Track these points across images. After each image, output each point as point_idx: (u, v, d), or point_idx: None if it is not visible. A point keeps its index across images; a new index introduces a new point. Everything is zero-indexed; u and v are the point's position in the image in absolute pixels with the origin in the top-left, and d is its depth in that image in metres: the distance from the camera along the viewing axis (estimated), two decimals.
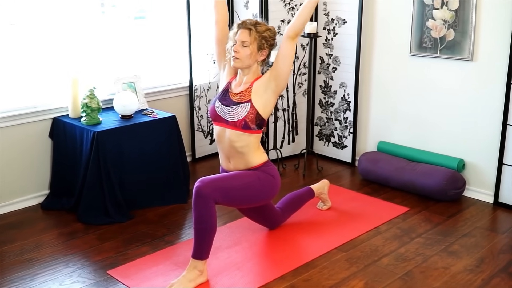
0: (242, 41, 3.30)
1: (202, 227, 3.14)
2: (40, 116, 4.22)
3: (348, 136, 5.13)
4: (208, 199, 3.12)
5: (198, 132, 5.24)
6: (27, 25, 4.11)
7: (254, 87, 3.33)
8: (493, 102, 4.22)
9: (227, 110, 3.34)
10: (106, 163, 3.97)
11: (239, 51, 3.30)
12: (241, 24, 3.35)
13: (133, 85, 4.55)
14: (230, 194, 3.25)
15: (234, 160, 3.43)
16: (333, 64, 5.10)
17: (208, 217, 3.14)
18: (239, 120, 3.29)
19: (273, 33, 3.40)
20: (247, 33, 3.30)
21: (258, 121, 3.32)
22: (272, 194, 3.48)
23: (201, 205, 3.13)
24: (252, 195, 3.37)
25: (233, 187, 3.26)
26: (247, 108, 3.29)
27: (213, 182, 3.19)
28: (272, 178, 3.43)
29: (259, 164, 3.42)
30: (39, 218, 4.08)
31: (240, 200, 3.36)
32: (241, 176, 3.33)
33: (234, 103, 3.34)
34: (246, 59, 3.31)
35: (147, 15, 4.92)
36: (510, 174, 4.18)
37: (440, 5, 4.33)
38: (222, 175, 3.32)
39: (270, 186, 3.43)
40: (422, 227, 3.94)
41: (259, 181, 3.35)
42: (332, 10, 5.00)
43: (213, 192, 3.15)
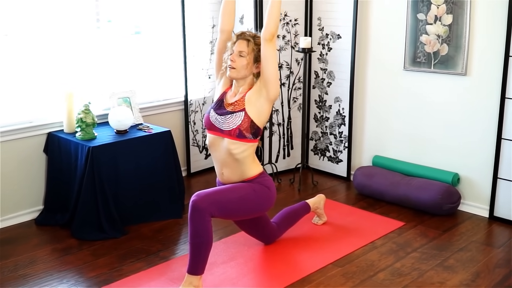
0: (239, 51, 3.33)
1: (198, 241, 3.13)
2: (35, 131, 4.21)
3: (343, 150, 5.14)
4: (204, 213, 3.12)
5: (193, 146, 5.23)
6: (22, 39, 4.11)
7: (247, 96, 3.34)
8: (487, 116, 4.24)
9: (221, 119, 3.35)
10: (101, 178, 3.96)
11: (235, 61, 3.32)
12: (239, 35, 3.38)
13: (128, 100, 4.55)
14: (226, 207, 3.25)
15: (228, 169, 3.42)
16: (328, 79, 5.12)
17: (204, 231, 3.13)
18: (233, 129, 3.30)
19: None
20: (245, 44, 3.33)
21: (253, 130, 3.32)
22: (268, 206, 3.47)
23: (197, 219, 3.12)
24: (248, 207, 3.37)
25: (229, 200, 3.26)
26: (241, 117, 3.29)
27: (209, 196, 3.19)
28: (267, 189, 3.42)
29: (254, 175, 3.42)
30: (33, 233, 4.05)
31: (236, 212, 3.36)
32: (236, 189, 3.33)
33: (228, 112, 3.35)
34: (242, 69, 3.33)
35: (143, 31, 4.93)
36: (505, 188, 4.19)
37: (434, 20, 4.36)
38: (218, 189, 3.32)
39: (266, 197, 3.42)
40: (417, 241, 3.93)
41: (254, 193, 3.35)
42: (327, 25, 5.02)
43: (209, 206, 3.14)
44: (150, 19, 4.93)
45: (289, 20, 5.04)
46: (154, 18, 4.95)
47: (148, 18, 4.92)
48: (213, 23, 5.13)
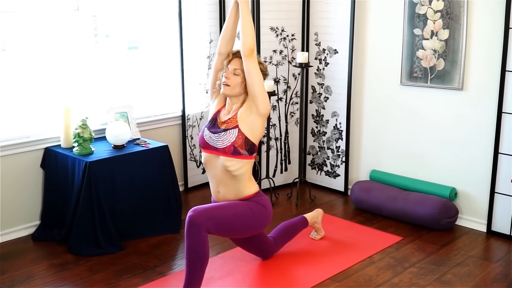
0: (234, 69, 3.35)
1: (194, 256, 3.13)
2: (32, 146, 4.20)
3: (340, 165, 5.14)
4: (201, 228, 3.12)
5: (190, 161, 5.23)
6: (19, 54, 4.13)
7: (239, 113, 3.35)
8: (484, 130, 4.25)
9: (215, 137, 3.36)
10: (98, 193, 3.95)
11: (229, 78, 3.34)
12: (235, 54, 3.41)
13: (126, 114, 4.55)
14: (222, 224, 3.24)
15: (224, 187, 3.42)
16: (325, 94, 5.13)
17: (201, 246, 3.13)
18: (228, 146, 3.30)
19: (265, 68, 3.47)
20: (240, 62, 3.35)
21: (247, 146, 3.32)
22: (264, 225, 3.47)
23: (193, 234, 3.12)
24: (244, 225, 3.37)
25: (225, 217, 3.25)
26: (235, 134, 3.30)
27: (205, 211, 3.19)
28: (264, 208, 3.42)
29: (251, 194, 3.43)
30: (30, 249, 4.04)
31: (232, 229, 3.36)
32: (233, 206, 3.33)
33: (222, 130, 3.36)
34: (236, 87, 3.35)
35: (140, 45, 4.95)
36: (502, 202, 4.19)
37: (430, 35, 4.38)
38: (215, 205, 3.33)
39: (262, 216, 3.42)
40: (415, 256, 3.92)
41: (251, 211, 3.35)
42: (323, 40, 5.05)
43: (206, 221, 3.14)
44: (147, 34, 4.96)
45: (286, 35, 5.07)
46: (152, 33, 4.97)
47: (145, 33, 4.94)
48: (211, 38, 5.15)
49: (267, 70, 3.51)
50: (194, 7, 4.99)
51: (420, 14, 4.41)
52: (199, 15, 5.05)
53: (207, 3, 5.09)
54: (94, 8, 4.48)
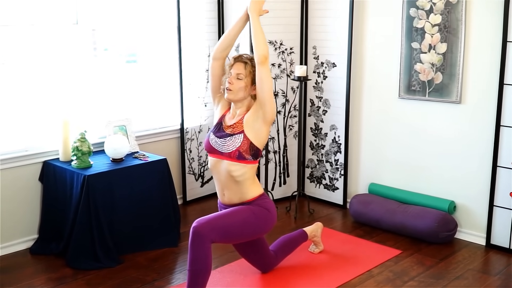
0: (237, 73, 3.38)
1: (197, 268, 3.14)
2: (31, 159, 4.20)
3: (339, 178, 5.14)
4: (205, 239, 3.14)
5: (189, 174, 5.23)
6: (18, 67, 4.13)
7: (245, 118, 3.38)
8: (482, 143, 4.25)
9: (221, 142, 3.39)
10: (96, 206, 3.94)
11: (233, 83, 3.37)
12: (237, 58, 3.44)
13: (125, 128, 4.56)
14: (226, 232, 3.27)
15: (229, 191, 3.44)
16: (323, 107, 5.14)
17: (204, 258, 3.15)
18: (233, 151, 3.33)
19: None
20: (242, 66, 3.38)
21: (252, 151, 3.36)
22: (268, 228, 3.49)
23: (197, 246, 3.13)
24: (248, 230, 3.39)
25: (229, 225, 3.28)
26: (240, 139, 3.33)
27: (209, 222, 3.21)
28: (267, 211, 3.44)
29: (255, 197, 3.44)
30: (28, 262, 4.02)
31: (236, 237, 3.39)
32: (236, 213, 3.35)
33: (227, 134, 3.39)
34: (240, 91, 3.38)
35: (139, 59, 4.97)
36: (501, 215, 4.18)
37: (428, 49, 4.40)
38: (218, 215, 3.33)
39: (266, 220, 3.44)
40: (414, 270, 3.91)
41: (254, 216, 3.37)
42: (322, 54, 5.06)
43: (210, 232, 3.17)
44: (146, 48, 4.97)
45: (285, 48, 5.08)
46: (151, 46, 4.99)
47: (144, 47, 4.96)
48: (209, 52, 5.17)
49: None
50: (192, 21, 5.01)
51: (418, 28, 4.43)
52: (198, 29, 5.07)
53: (206, 17, 5.12)
54: (93, 22, 4.49)
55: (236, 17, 3.56)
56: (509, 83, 4.02)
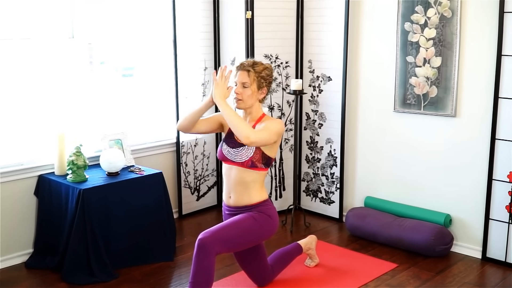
0: (242, 82, 3.42)
1: (200, 280, 3.17)
2: (26, 173, 4.19)
3: (335, 191, 5.14)
4: (211, 251, 3.18)
5: (185, 188, 5.22)
6: (13, 81, 4.13)
7: (257, 127, 3.44)
8: (477, 157, 4.26)
9: (234, 152, 3.45)
10: (92, 221, 3.93)
11: (240, 93, 3.42)
12: (239, 67, 3.48)
13: (120, 141, 4.55)
14: (231, 243, 3.34)
15: (236, 194, 3.50)
16: (319, 120, 5.15)
17: (208, 270, 3.18)
18: (246, 161, 3.41)
19: (270, 71, 3.52)
20: (246, 75, 3.41)
21: (264, 160, 3.43)
22: (269, 234, 3.55)
23: (202, 258, 3.17)
24: (251, 238, 3.45)
25: (233, 236, 3.34)
26: (253, 149, 3.40)
27: (215, 234, 3.26)
28: (269, 218, 3.48)
29: (259, 201, 3.49)
30: (23, 277, 4.00)
31: (239, 246, 3.44)
32: (239, 223, 3.38)
33: (240, 145, 3.44)
34: (248, 99, 3.43)
35: (135, 72, 4.97)
36: (497, 229, 4.18)
37: (423, 62, 4.42)
38: (222, 226, 3.36)
39: (267, 226, 3.49)
40: (411, 283, 3.90)
41: (256, 223, 3.42)
42: (317, 67, 5.08)
43: (216, 244, 3.22)
44: (142, 61, 4.98)
45: (280, 62, 5.10)
46: (147, 60, 5.00)
47: (140, 60, 4.97)
48: (205, 66, 5.18)
49: (271, 74, 3.52)
50: (188, 35, 5.03)
51: (412, 42, 4.46)
52: (194, 43, 5.08)
53: (202, 31, 5.14)
54: (89, 35, 4.50)
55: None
56: (504, 97, 4.04)
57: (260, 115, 3.51)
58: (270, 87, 3.55)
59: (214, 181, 5.48)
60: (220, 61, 5.24)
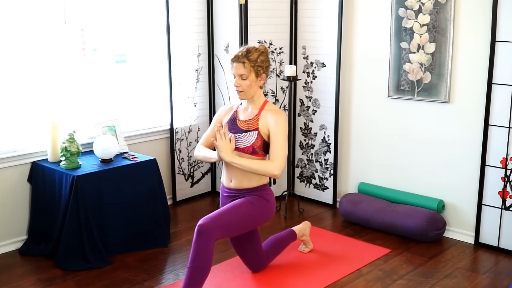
0: (239, 74, 3.41)
1: (198, 265, 3.18)
2: (19, 160, 4.18)
3: (329, 177, 5.15)
4: (211, 236, 3.20)
5: (179, 175, 5.22)
6: (5, 67, 4.10)
7: (261, 117, 3.45)
8: (471, 143, 4.27)
9: (236, 137, 3.45)
10: (85, 207, 3.93)
11: (240, 85, 3.42)
12: (234, 59, 3.45)
13: (114, 128, 4.54)
14: (229, 229, 3.36)
15: (236, 179, 3.50)
16: (313, 107, 5.15)
17: (207, 255, 3.20)
18: (247, 147, 3.41)
19: (266, 55, 3.48)
20: (242, 66, 3.40)
21: (265, 147, 3.45)
22: (266, 218, 3.57)
23: (202, 243, 3.18)
24: (249, 222, 3.46)
25: (232, 221, 3.36)
26: (255, 136, 3.41)
27: (214, 220, 3.27)
28: (266, 202, 3.51)
29: (258, 185, 3.51)
30: (17, 264, 4.00)
31: (237, 231, 3.46)
32: (237, 208, 3.40)
33: (242, 130, 3.45)
34: (249, 89, 3.43)
35: (128, 59, 4.95)
36: (490, 214, 4.21)
37: (417, 48, 4.42)
38: (221, 212, 3.37)
39: (264, 210, 3.51)
40: (404, 268, 3.93)
41: (253, 208, 3.44)
42: (311, 53, 5.07)
43: (215, 230, 3.23)
44: (135, 48, 4.96)
45: (274, 48, 5.09)
46: (140, 46, 4.97)
47: (133, 47, 4.94)
48: (199, 52, 5.16)
49: (267, 58, 3.50)
50: (182, 20, 5.01)
51: (406, 28, 4.45)
52: (187, 29, 5.06)
53: (195, 17, 5.11)
54: (81, 21, 4.48)
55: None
56: (497, 83, 4.05)
57: (262, 102, 3.51)
58: (269, 70, 3.54)
59: (208, 168, 5.49)
60: (214, 47, 5.22)
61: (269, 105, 3.51)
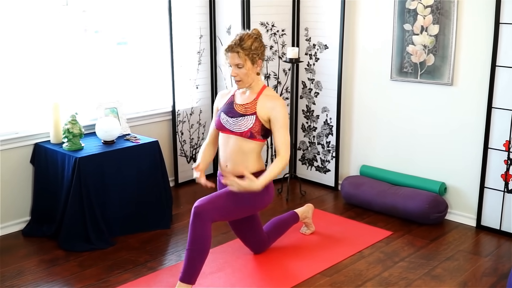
0: (235, 64, 3.37)
1: (196, 247, 3.17)
2: (22, 142, 4.18)
3: (330, 160, 5.15)
4: (207, 219, 3.19)
5: (181, 157, 5.22)
6: (7, 49, 4.09)
7: (259, 102, 3.42)
8: (473, 125, 4.26)
9: (233, 121, 3.42)
10: (88, 189, 3.94)
11: (237, 74, 3.38)
12: (227, 49, 3.39)
13: (116, 110, 4.54)
14: (226, 211, 3.35)
15: (232, 163, 3.46)
16: (315, 89, 5.13)
17: (204, 237, 3.19)
18: (245, 131, 3.38)
19: (259, 41, 3.42)
20: (236, 56, 3.35)
21: (263, 132, 3.42)
22: (264, 204, 3.54)
23: (198, 225, 3.17)
24: (246, 207, 3.45)
25: (229, 204, 3.34)
26: (253, 120, 3.38)
27: (210, 202, 3.26)
28: (265, 188, 3.44)
29: (255, 171, 3.45)
30: (20, 244, 4.02)
31: (235, 214, 3.46)
32: (234, 191, 3.34)
33: (240, 114, 3.42)
34: (246, 77, 3.39)
35: (130, 41, 4.93)
36: (492, 197, 4.21)
37: (420, 30, 4.39)
38: (218, 194, 3.37)
39: (263, 196, 3.47)
40: (405, 251, 3.94)
41: (252, 193, 3.37)
42: (314, 35, 5.05)
43: (211, 212, 3.22)
44: (137, 30, 4.93)
45: (276, 30, 5.06)
46: (142, 28, 4.95)
47: (135, 29, 4.92)
48: (201, 34, 5.14)
49: (262, 44, 3.45)
50: (184, 2, 4.98)
51: (410, 9, 4.42)
52: (189, 10, 5.03)
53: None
54: (83, 3, 4.45)
55: None
56: (501, 65, 4.02)
57: (261, 87, 3.47)
58: (264, 55, 3.48)
59: None
60: (216, 29, 5.20)
61: (268, 90, 3.48)
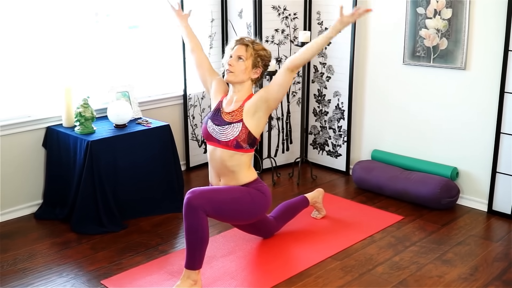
0: (238, 55, 3.34)
1: (193, 238, 3.13)
2: (34, 125, 4.21)
3: (342, 144, 5.14)
4: (198, 210, 3.11)
5: (192, 141, 5.23)
6: (20, 34, 4.10)
7: (245, 107, 3.34)
8: (486, 110, 4.24)
9: (219, 130, 3.36)
10: (100, 172, 3.96)
11: (233, 65, 3.33)
12: (238, 40, 3.39)
13: (127, 94, 4.55)
14: (220, 207, 3.23)
15: (225, 178, 3.42)
16: (327, 73, 5.11)
17: (199, 227, 3.12)
18: (231, 140, 3.31)
19: (269, 54, 3.45)
20: (244, 49, 3.34)
21: (250, 140, 3.33)
22: (262, 211, 3.48)
23: (191, 216, 3.11)
24: (242, 209, 3.35)
25: (224, 200, 3.25)
26: (239, 128, 3.31)
27: (203, 193, 3.18)
28: (262, 195, 3.42)
29: (249, 181, 3.42)
30: (33, 227, 4.06)
31: (229, 214, 3.33)
32: (232, 190, 3.34)
33: (226, 122, 3.35)
34: (240, 73, 3.34)
35: (141, 25, 4.92)
36: (504, 182, 4.19)
37: (433, 14, 4.36)
38: (214, 188, 3.33)
39: (261, 203, 3.42)
40: (416, 235, 3.94)
41: (249, 196, 3.35)
42: (326, 19, 5.02)
43: (204, 204, 3.13)
44: (148, 13, 4.93)
45: (288, 14, 5.04)
46: (153, 12, 4.94)
47: (146, 12, 4.91)
48: (212, 17, 5.12)
49: (269, 58, 3.46)
50: None
51: None
52: None
53: None
54: None
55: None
56: None
57: (248, 94, 3.41)
58: (266, 70, 3.44)
59: None
60: (228, 12, 5.17)
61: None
